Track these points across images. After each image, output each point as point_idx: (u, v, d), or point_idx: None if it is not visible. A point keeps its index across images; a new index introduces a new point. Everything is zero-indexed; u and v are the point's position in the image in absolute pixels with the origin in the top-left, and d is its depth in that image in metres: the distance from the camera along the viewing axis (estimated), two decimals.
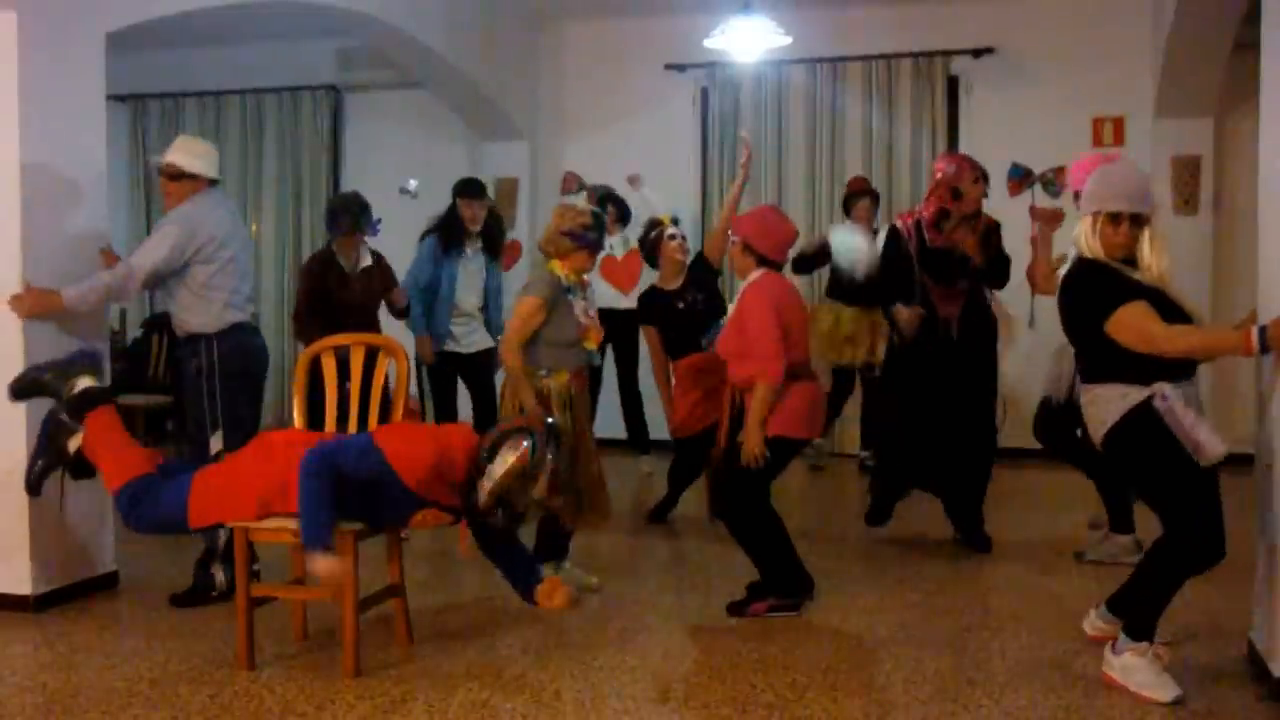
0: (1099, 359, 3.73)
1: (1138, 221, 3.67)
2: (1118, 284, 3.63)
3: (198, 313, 4.75)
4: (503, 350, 4.84)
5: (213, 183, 4.89)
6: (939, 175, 5.59)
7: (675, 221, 6.29)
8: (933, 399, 5.55)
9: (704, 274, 6.03)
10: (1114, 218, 3.67)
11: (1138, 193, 3.70)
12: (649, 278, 6.54)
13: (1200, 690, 3.68)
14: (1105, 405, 3.70)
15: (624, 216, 7.78)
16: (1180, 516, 3.59)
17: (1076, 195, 5.12)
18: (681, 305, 5.97)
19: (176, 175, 4.81)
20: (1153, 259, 3.67)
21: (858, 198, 7.64)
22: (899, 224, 5.68)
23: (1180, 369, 3.64)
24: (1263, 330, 3.48)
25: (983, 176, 5.60)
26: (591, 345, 4.90)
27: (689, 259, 6.12)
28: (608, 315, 6.37)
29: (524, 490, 3.83)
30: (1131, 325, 3.57)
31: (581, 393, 4.90)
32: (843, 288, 7.28)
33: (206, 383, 4.73)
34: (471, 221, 6.60)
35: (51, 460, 4.15)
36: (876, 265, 5.83)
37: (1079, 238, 3.76)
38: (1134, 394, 3.62)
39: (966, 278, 5.52)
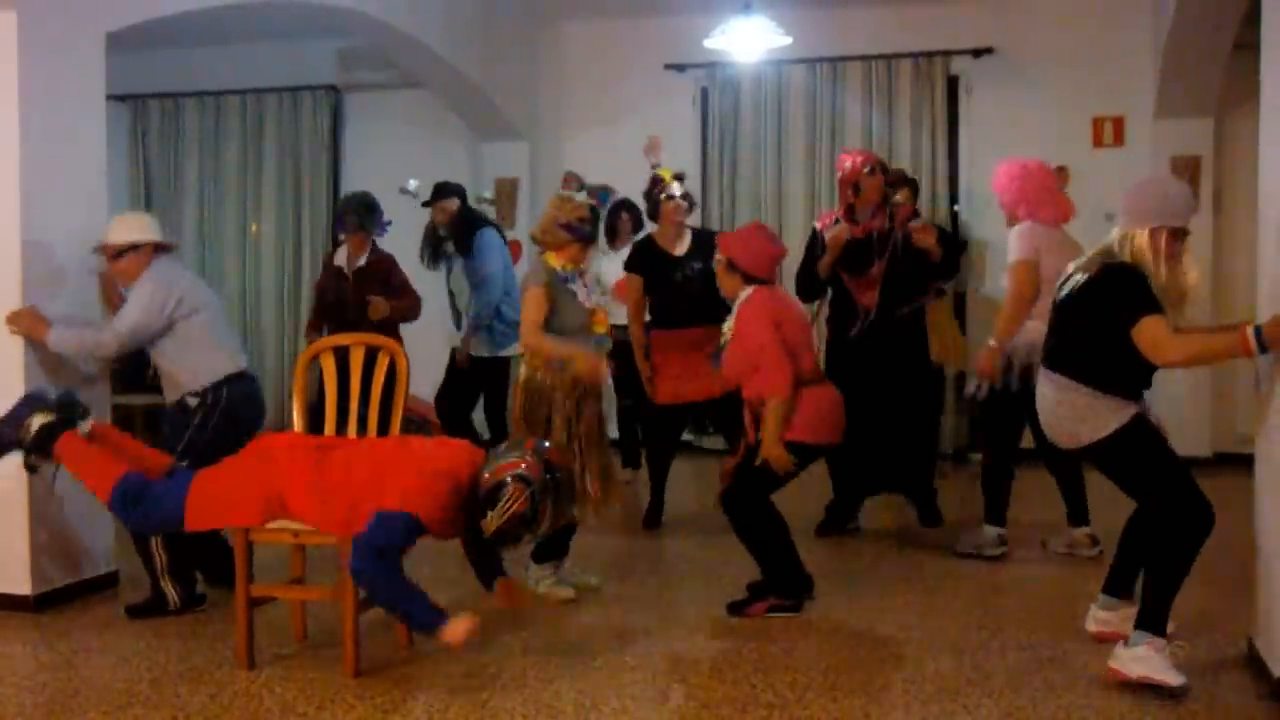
0: (1105, 365, 3.76)
1: (1186, 234, 3.80)
2: (1149, 293, 3.69)
3: (192, 367, 4.64)
4: (524, 343, 4.81)
5: (162, 249, 4.75)
6: (839, 172, 5.87)
7: (679, 178, 6.15)
8: (862, 389, 5.64)
9: (708, 244, 5.88)
10: (1177, 233, 3.75)
11: (1192, 206, 3.86)
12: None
13: (1200, 689, 3.68)
14: (1102, 416, 3.77)
15: (639, 225, 7.18)
16: (1175, 498, 3.71)
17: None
18: (680, 278, 5.88)
19: (120, 252, 4.66)
20: (1190, 270, 3.79)
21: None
22: (817, 225, 5.97)
23: (1146, 385, 3.86)
24: (1258, 330, 3.51)
25: (878, 168, 5.80)
26: (600, 329, 4.91)
27: (688, 221, 6.04)
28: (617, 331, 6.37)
29: (527, 530, 3.86)
30: (1151, 336, 3.64)
31: (595, 381, 4.90)
32: None
33: (196, 431, 4.61)
34: (441, 225, 6.73)
35: (6, 441, 4.17)
36: None
37: (1134, 245, 3.72)
38: (1129, 410, 3.76)
39: (880, 261, 5.71)
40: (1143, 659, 3.65)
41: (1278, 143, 3.77)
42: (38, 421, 4.12)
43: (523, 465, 3.81)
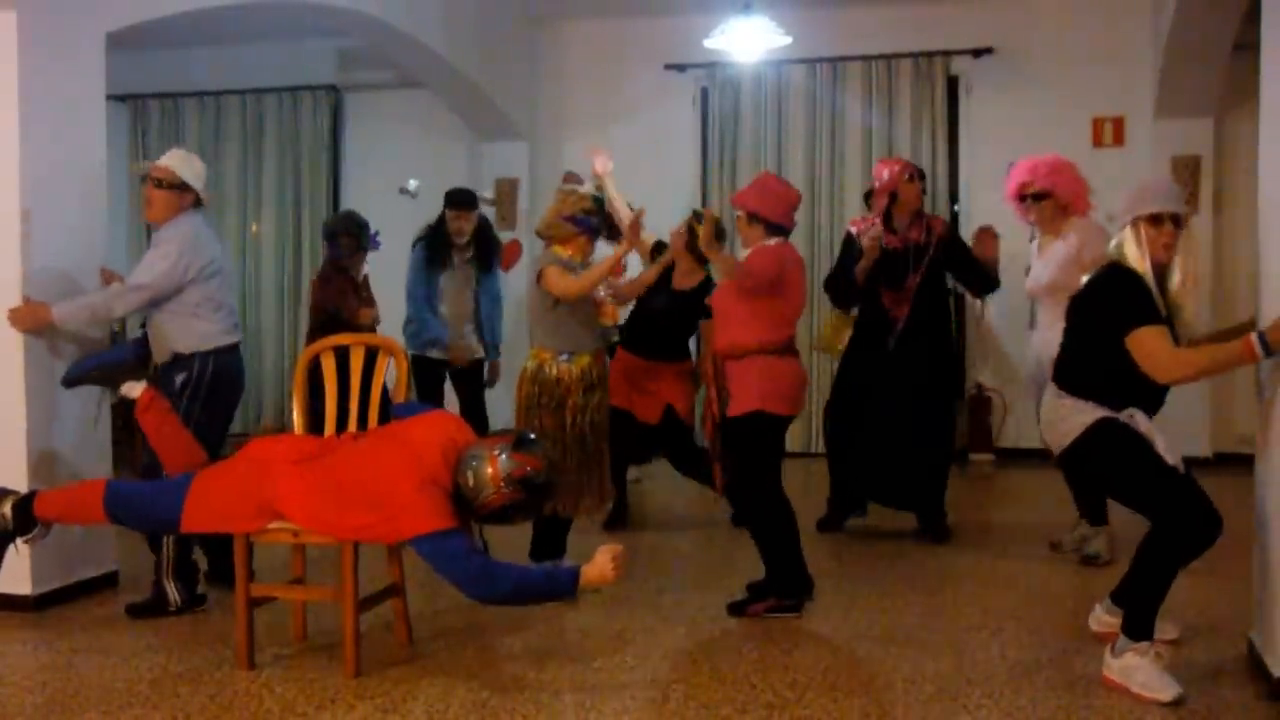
0: (1089, 370, 3.76)
1: (1177, 222, 3.71)
2: (1149, 301, 3.65)
3: (190, 333, 4.63)
4: (579, 289, 4.74)
5: (198, 204, 4.75)
6: (877, 183, 5.83)
7: (697, 217, 6.13)
8: (880, 399, 5.72)
9: (704, 294, 5.85)
10: (1155, 219, 3.69)
11: (1173, 193, 3.77)
12: None
13: (1200, 690, 3.67)
14: (1073, 416, 3.77)
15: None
16: (1168, 509, 3.62)
17: (1036, 197, 5.32)
18: (660, 304, 5.86)
19: (171, 184, 4.64)
20: (1188, 261, 3.72)
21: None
22: (852, 229, 5.90)
23: (1150, 402, 3.74)
24: (1262, 335, 3.50)
25: (917, 175, 5.82)
26: (608, 321, 4.92)
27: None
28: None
29: (504, 520, 3.89)
30: (1149, 347, 3.60)
31: (603, 374, 4.91)
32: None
33: (188, 402, 4.60)
34: (458, 234, 6.59)
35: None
36: None
37: (1120, 247, 3.73)
38: (1095, 412, 3.73)
39: (915, 274, 5.70)
40: (1131, 669, 3.63)
41: (1278, 143, 3.77)
42: (7, 506, 4.09)
43: (500, 462, 3.79)
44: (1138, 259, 3.69)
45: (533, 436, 3.96)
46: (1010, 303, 5.93)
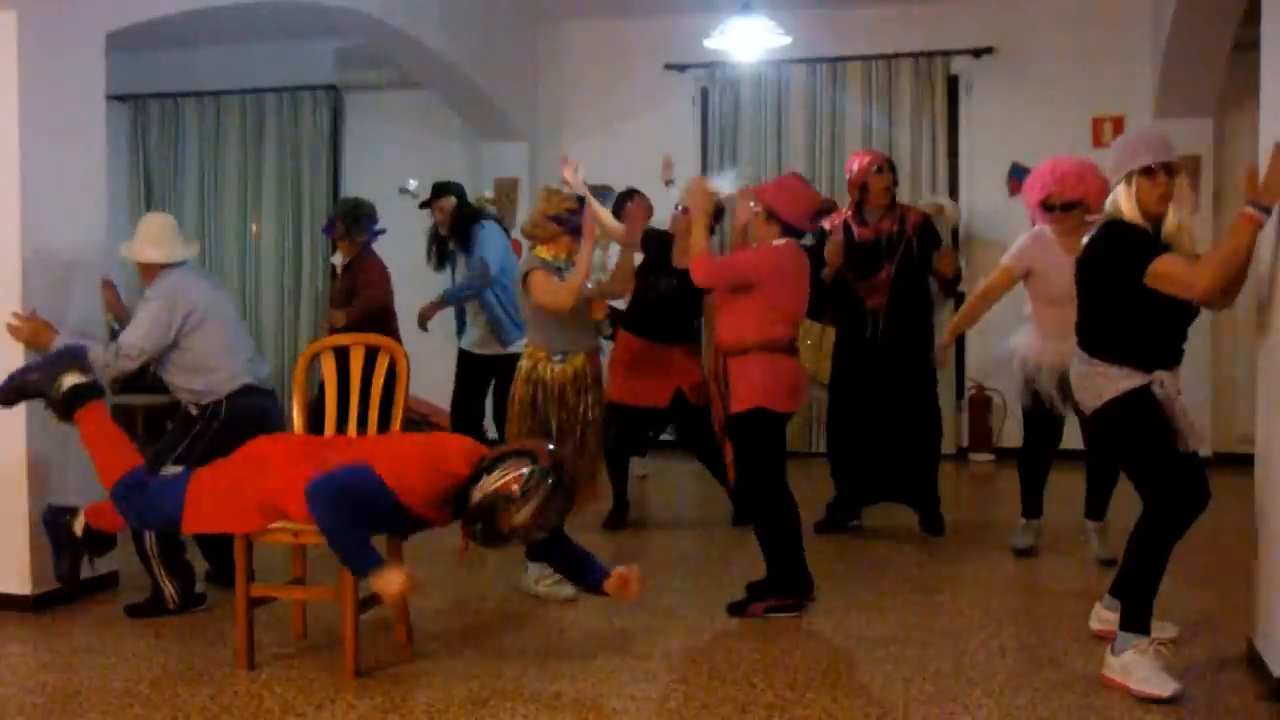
0: (1110, 334, 3.75)
1: (1170, 171, 3.71)
2: (1147, 241, 3.66)
3: (202, 381, 4.65)
4: (566, 301, 4.68)
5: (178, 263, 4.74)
6: (848, 175, 5.89)
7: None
8: (869, 391, 5.76)
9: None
10: (1148, 172, 3.70)
11: (1161, 143, 3.76)
12: None
13: (1200, 690, 3.68)
14: (1107, 382, 3.76)
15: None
16: (1165, 481, 3.69)
17: (1065, 207, 5.15)
18: (662, 286, 5.89)
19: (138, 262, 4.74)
20: (1182, 207, 3.73)
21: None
22: (826, 226, 5.93)
23: (1172, 356, 3.77)
24: (1254, 203, 3.51)
25: (886, 166, 5.84)
26: (599, 316, 4.94)
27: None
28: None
29: (509, 511, 3.70)
30: (1169, 274, 3.60)
31: (597, 375, 4.91)
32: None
33: (193, 440, 4.60)
34: (440, 225, 6.68)
35: (69, 550, 4.24)
36: None
37: (1116, 203, 3.74)
38: (1136, 378, 3.72)
39: (889, 264, 5.74)
40: (1131, 666, 3.63)
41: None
42: (70, 380, 4.09)
43: (536, 450, 3.78)
44: (1134, 214, 3.69)
45: (551, 447, 3.90)
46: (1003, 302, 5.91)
